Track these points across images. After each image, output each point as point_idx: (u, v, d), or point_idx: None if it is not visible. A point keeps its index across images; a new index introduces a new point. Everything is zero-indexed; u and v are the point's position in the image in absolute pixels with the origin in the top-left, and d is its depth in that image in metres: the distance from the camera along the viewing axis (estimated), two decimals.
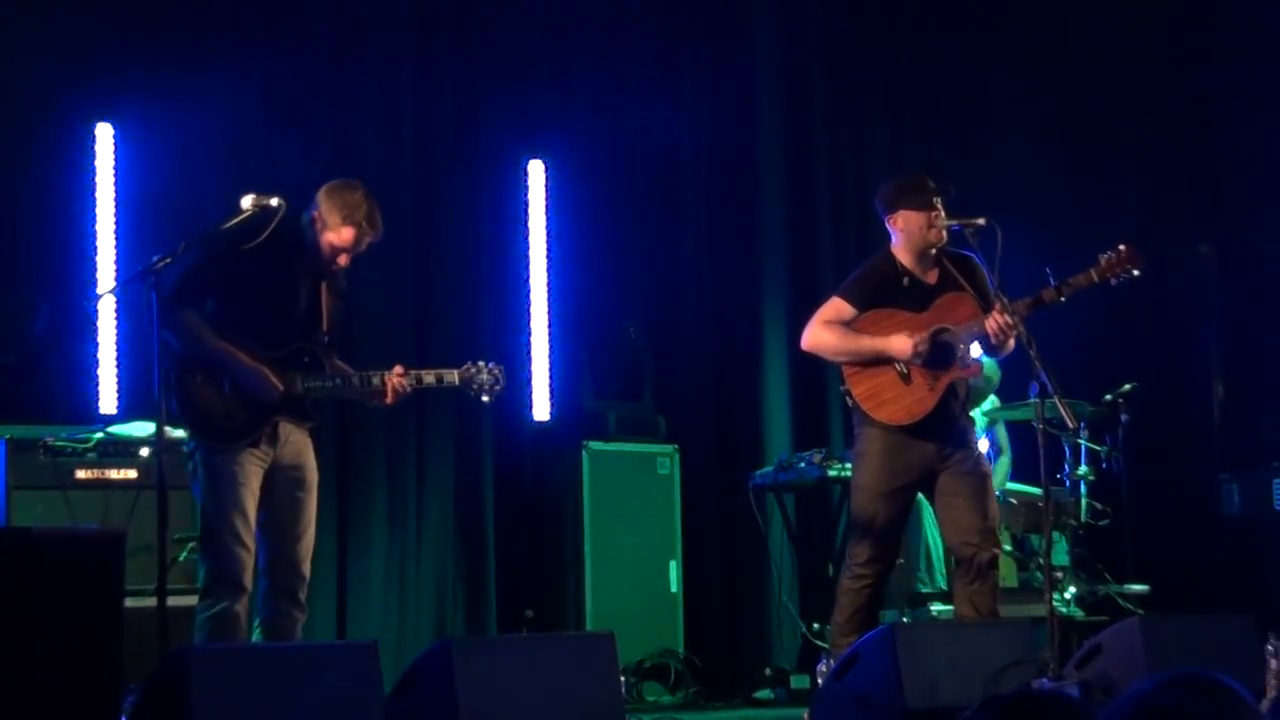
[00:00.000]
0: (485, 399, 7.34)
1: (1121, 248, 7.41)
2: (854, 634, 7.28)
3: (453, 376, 7.22)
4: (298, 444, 7.05)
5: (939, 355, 7.43)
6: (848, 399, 7.61)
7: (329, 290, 7.18)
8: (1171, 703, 2.56)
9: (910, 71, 12.20)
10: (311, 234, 7.02)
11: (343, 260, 7.07)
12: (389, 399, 7.10)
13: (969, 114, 12.11)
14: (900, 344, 7.40)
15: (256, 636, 6.98)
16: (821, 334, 7.59)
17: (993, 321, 7.29)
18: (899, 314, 7.51)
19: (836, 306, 7.60)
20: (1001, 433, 10.71)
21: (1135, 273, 7.43)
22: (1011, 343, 7.39)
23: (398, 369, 7.09)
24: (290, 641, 6.89)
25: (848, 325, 7.53)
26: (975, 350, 7.63)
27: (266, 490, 6.93)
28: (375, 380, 7.08)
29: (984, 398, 10.24)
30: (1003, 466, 10.58)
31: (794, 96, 11.73)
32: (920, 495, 7.98)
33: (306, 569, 7.04)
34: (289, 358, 6.99)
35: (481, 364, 7.26)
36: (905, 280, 7.56)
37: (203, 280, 6.92)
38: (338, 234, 6.98)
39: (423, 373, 7.19)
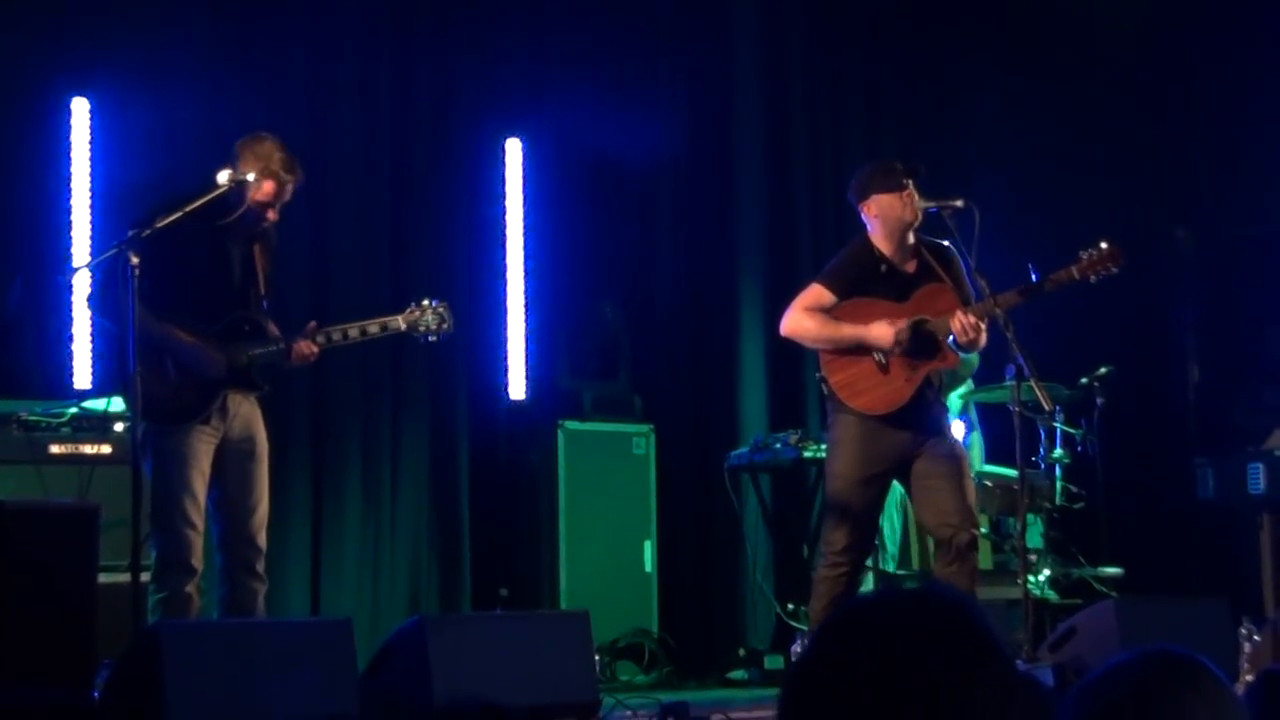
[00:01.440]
0: (432, 339, 7.27)
1: (1103, 245, 7.41)
2: None
3: (397, 322, 7.16)
4: (247, 415, 7.03)
5: (919, 345, 7.42)
6: (823, 386, 7.61)
7: (262, 253, 7.13)
8: (1142, 676, 2.56)
9: (890, 59, 12.19)
10: (236, 197, 6.96)
11: (271, 215, 7.02)
12: (292, 360, 7.05)
13: (946, 98, 12.09)
14: (881, 332, 7.39)
15: (216, 613, 6.96)
16: (802, 320, 7.59)
17: (958, 321, 7.28)
18: (879, 303, 7.51)
19: (816, 293, 7.59)
20: (972, 411, 10.71)
21: (1115, 270, 7.43)
22: (983, 339, 7.39)
23: (310, 325, 7.04)
24: (254, 615, 6.88)
25: (828, 312, 7.52)
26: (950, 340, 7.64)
27: (218, 465, 6.92)
28: (282, 346, 7.03)
29: (961, 383, 10.24)
30: (976, 441, 10.59)
31: (773, 76, 11.71)
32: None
33: (262, 540, 7.02)
34: (229, 328, 6.97)
35: (426, 303, 7.19)
36: (883, 268, 7.56)
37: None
38: (259, 189, 6.93)
39: (346, 327, 7.11)
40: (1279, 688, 3.11)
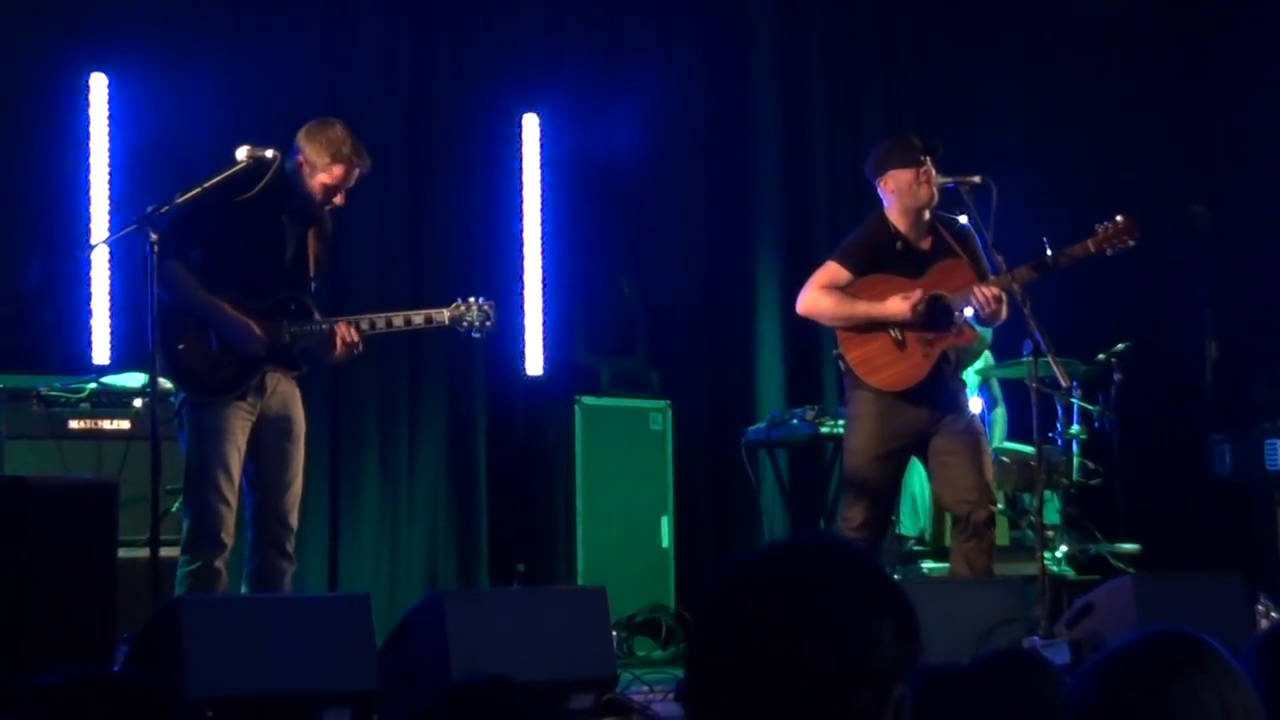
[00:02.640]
0: (476, 336, 7.31)
1: (1119, 219, 7.42)
2: None
3: (442, 316, 7.18)
4: (285, 393, 7.05)
5: (935, 319, 7.43)
6: (841, 363, 7.63)
7: (316, 236, 7.17)
8: (1147, 655, 2.57)
9: (906, 32, 12.15)
10: (299, 180, 7.00)
11: (339, 200, 7.07)
12: (338, 351, 7.04)
13: (964, 75, 12.06)
14: (897, 305, 7.40)
15: (244, 588, 6.99)
16: (818, 299, 7.60)
17: (980, 293, 7.29)
18: (894, 280, 7.52)
19: (832, 271, 7.60)
20: (995, 387, 10.71)
21: (1131, 244, 7.43)
22: (1005, 312, 7.39)
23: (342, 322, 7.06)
24: (281, 592, 6.91)
25: (844, 290, 7.53)
26: (969, 312, 7.64)
27: (254, 441, 6.94)
28: (325, 327, 7.03)
29: (976, 358, 10.24)
30: (1000, 417, 10.59)
31: (790, 52, 11.68)
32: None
33: (294, 519, 7.05)
34: (276, 306, 6.99)
35: (471, 300, 7.21)
36: (898, 245, 7.57)
37: (188, 231, 6.90)
38: (329, 173, 6.97)
39: (390, 315, 7.14)
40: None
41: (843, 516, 7.62)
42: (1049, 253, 7.34)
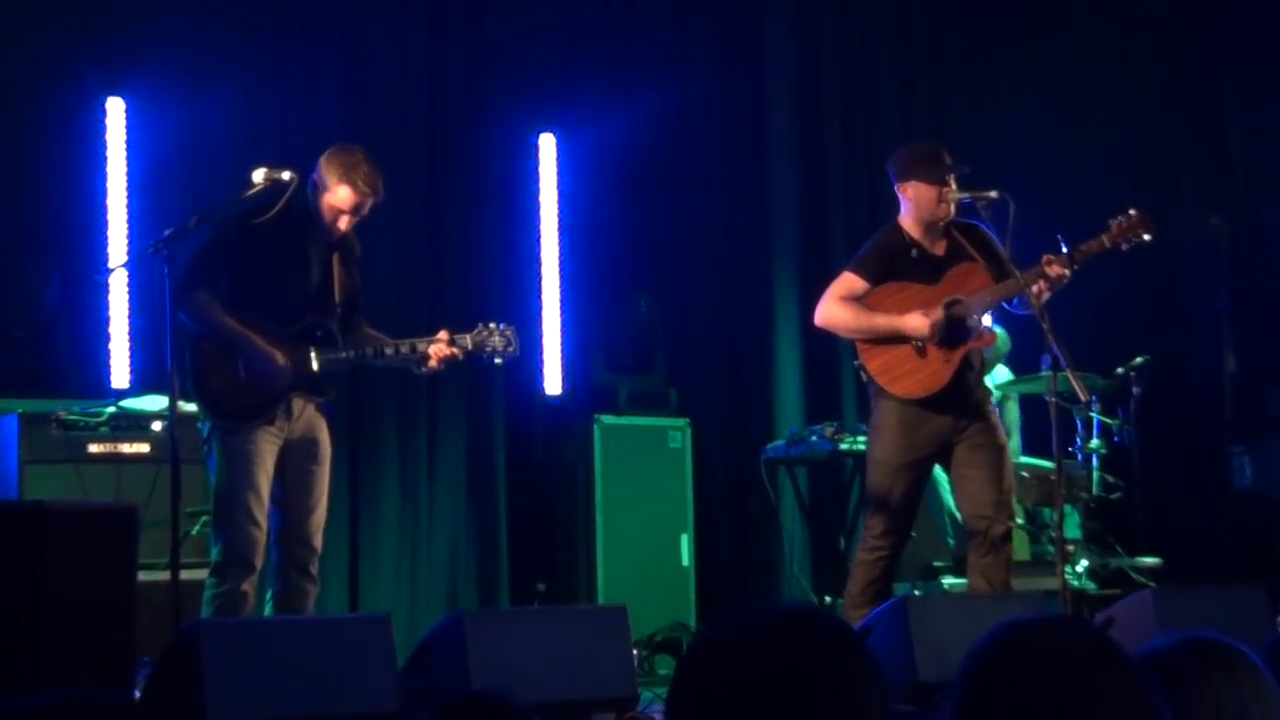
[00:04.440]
0: (498, 361, 7.31)
1: (1132, 212, 7.44)
2: (867, 606, 7.30)
3: (464, 341, 7.18)
4: (311, 418, 7.07)
5: (953, 330, 7.43)
6: (862, 374, 7.63)
7: (341, 260, 7.17)
8: (1175, 660, 2.57)
9: (920, 43, 12.17)
10: (315, 201, 7.01)
11: (343, 224, 7.04)
12: (434, 364, 7.10)
13: (978, 86, 12.06)
14: (917, 323, 7.40)
15: (269, 609, 7.00)
16: (836, 311, 7.59)
17: (1055, 268, 7.27)
18: (911, 287, 7.52)
19: (849, 282, 7.60)
20: (1010, 411, 10.66)
21: (1146, 238, 7.45)
22: (1048, 294, 7.37)
23: (443, 335, 7.09)
24: (303, 614, 6.91)
25: (861, 300, 7.53)
26: (987, 319, 7.64)
27: (280, 465, 6.96)
28: (421, 347, 7.08)
29: (992, 366, 10.22)
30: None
31: (804, 65, 11.68)
32: (937, 466, 7.97)
33: (319, 542, 7.06)
34: (302, 333, 7.01)
35: (493, 325, 7.22)
36: (914, 252, 7.57)
37: (216, 260, 6.94)
38: (334, 195, 6.96)
39: (415, 341, 7.18)
40: None
41: (865, 525, 7.63)
42: (1064, 249, 7.34)
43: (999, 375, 10.41)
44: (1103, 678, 2.21)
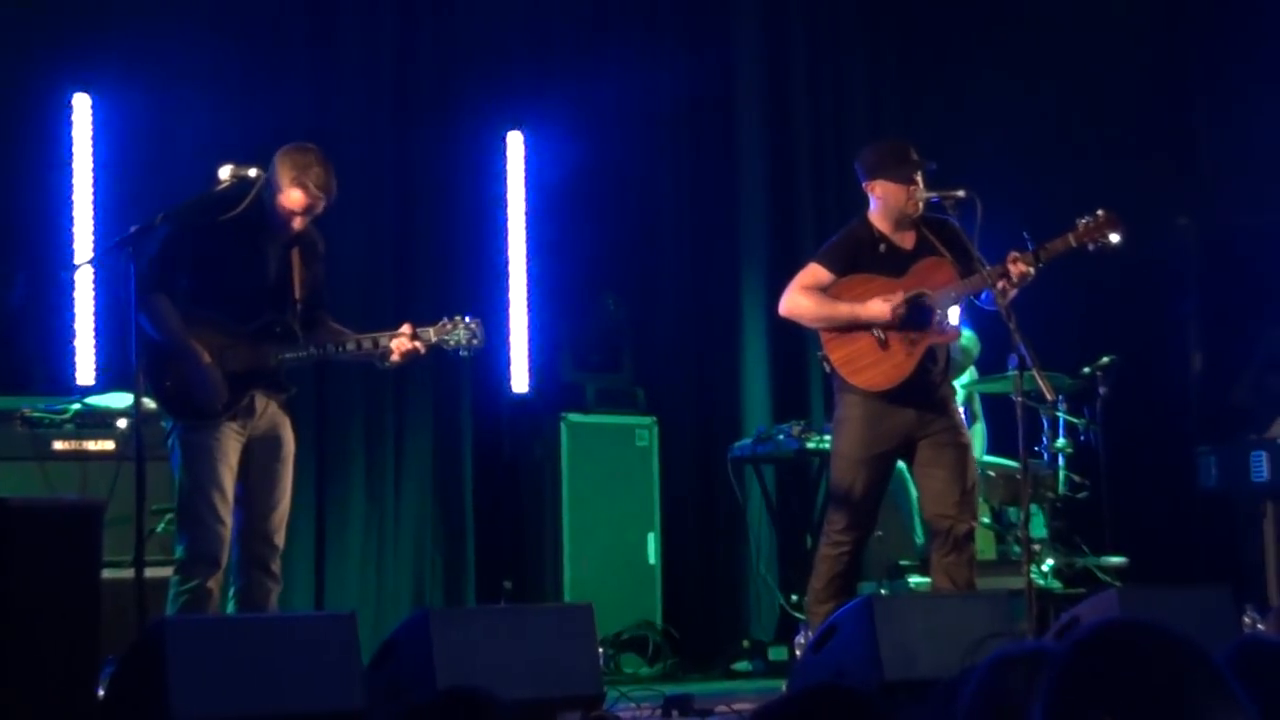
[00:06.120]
0: (464, 355, 7.28)
1: (1100, 213, 7.43)
2: (831, 601, 7.31)
3: (428, 334, 7.14)
4: (274, 415, 7.05)
5: (916, 318, 7.43)
6: (825, 365, 7.62)
7: (301, 256, 7.14)
8: (1122, 639, 2.57)
9: (891, 42, 12.19)
10: (270, 200, 6.98)
11: (296, 224, 7.01)
12: (397, 358, 7.07)
13: (950, 86, 12.08)
14: (878, 308, 7.39)
15: (231, 607, 6.98)
16: (799, 300, 7.59)
17: (1019, 266, 7.27)
18: (876, 279, 7.52)
19: (814, 272, 7.60)
20: (976, 403, 10.70)
21: (1114, 239, 7.43)
22: (1013, 292, 7.35)
23: (406, 329, 7.06)
24: (267, 612, 6.89)
25: (825, 291, 7.53)
26: (954, 317, 7.64)
27: (244, 462, 6.94)
28: (384, 341, 7.05)
29: (963, 370, 10.23)
30: (979, 433, 10.57)
31: (774, 65, 11.70)
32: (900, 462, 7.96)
33: (280, 539, 7.04)
34: (261, 330, 6.98)
35: (458, 318, 7.18)
36: (882, 246, 7.57)
37: (174, 259, 6.90)
38: (286, 196, 6.93)
39: (377, 335, 7.13)
40: (1254, 658, 3.11)
41: (828, 520, 7.60)
42: (1030, 247, 7.34)
43: (965, 376, 10.42)
44: (1197, 671, 2.26)
